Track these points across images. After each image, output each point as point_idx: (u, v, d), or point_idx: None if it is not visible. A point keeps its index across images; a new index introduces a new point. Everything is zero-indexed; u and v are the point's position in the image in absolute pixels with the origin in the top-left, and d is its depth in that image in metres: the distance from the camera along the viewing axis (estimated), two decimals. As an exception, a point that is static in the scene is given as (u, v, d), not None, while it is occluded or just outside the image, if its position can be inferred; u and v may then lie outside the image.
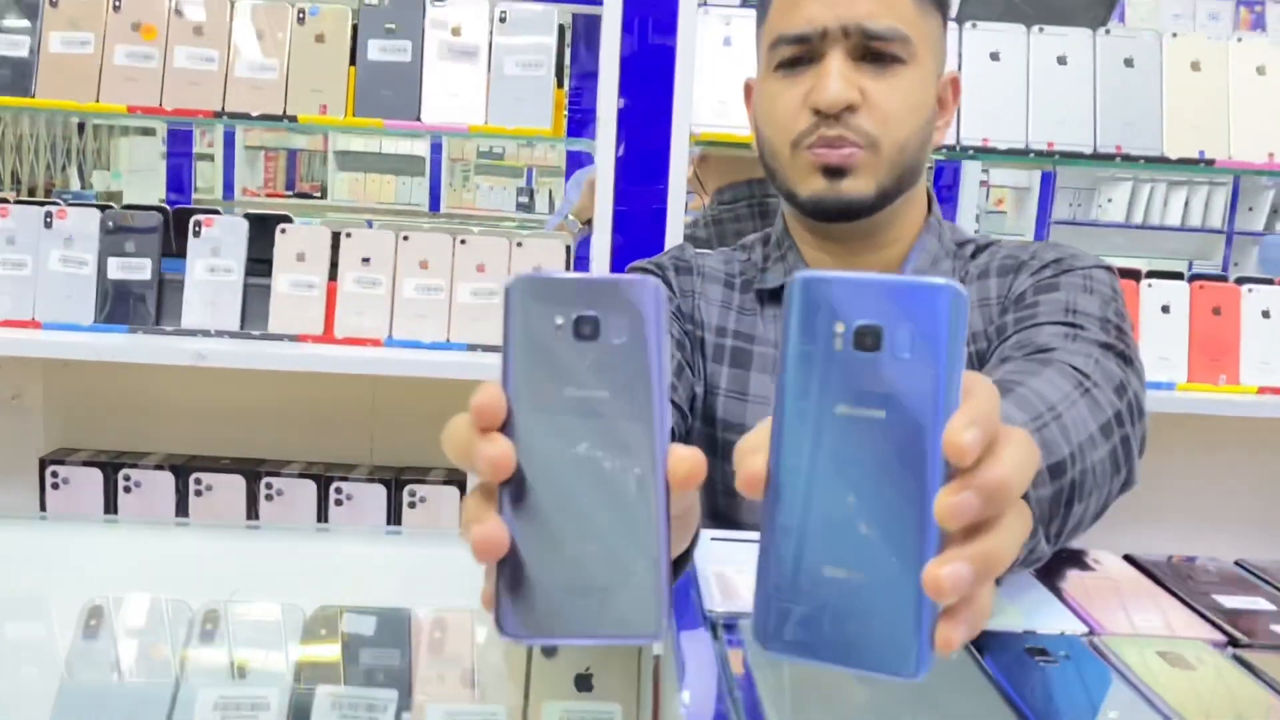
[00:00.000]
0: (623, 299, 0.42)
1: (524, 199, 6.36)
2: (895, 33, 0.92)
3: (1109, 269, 0.96)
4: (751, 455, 0.43)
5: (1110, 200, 6.24)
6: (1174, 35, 1.51)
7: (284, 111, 1.51)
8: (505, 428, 0.42)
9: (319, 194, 6.23)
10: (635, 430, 0.42)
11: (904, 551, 0.39)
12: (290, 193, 6.20)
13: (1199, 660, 0.63)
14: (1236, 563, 0.84)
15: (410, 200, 6.07)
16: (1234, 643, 0.67)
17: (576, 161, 4.41)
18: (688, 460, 0.42)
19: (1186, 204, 6.08)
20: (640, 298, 0.42)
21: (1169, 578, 0.79)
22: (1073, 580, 0.77)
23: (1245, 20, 3.88)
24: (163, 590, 0.72)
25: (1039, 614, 0.70)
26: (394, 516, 1.57)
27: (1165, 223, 6.12)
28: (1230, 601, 0.74)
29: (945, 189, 3.63)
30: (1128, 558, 0.83)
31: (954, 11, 1.87)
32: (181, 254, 1.53)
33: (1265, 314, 1.52)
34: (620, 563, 0.42)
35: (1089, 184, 6.31)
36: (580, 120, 1.62)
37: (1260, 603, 0.74)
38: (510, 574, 0.42)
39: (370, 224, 1.54)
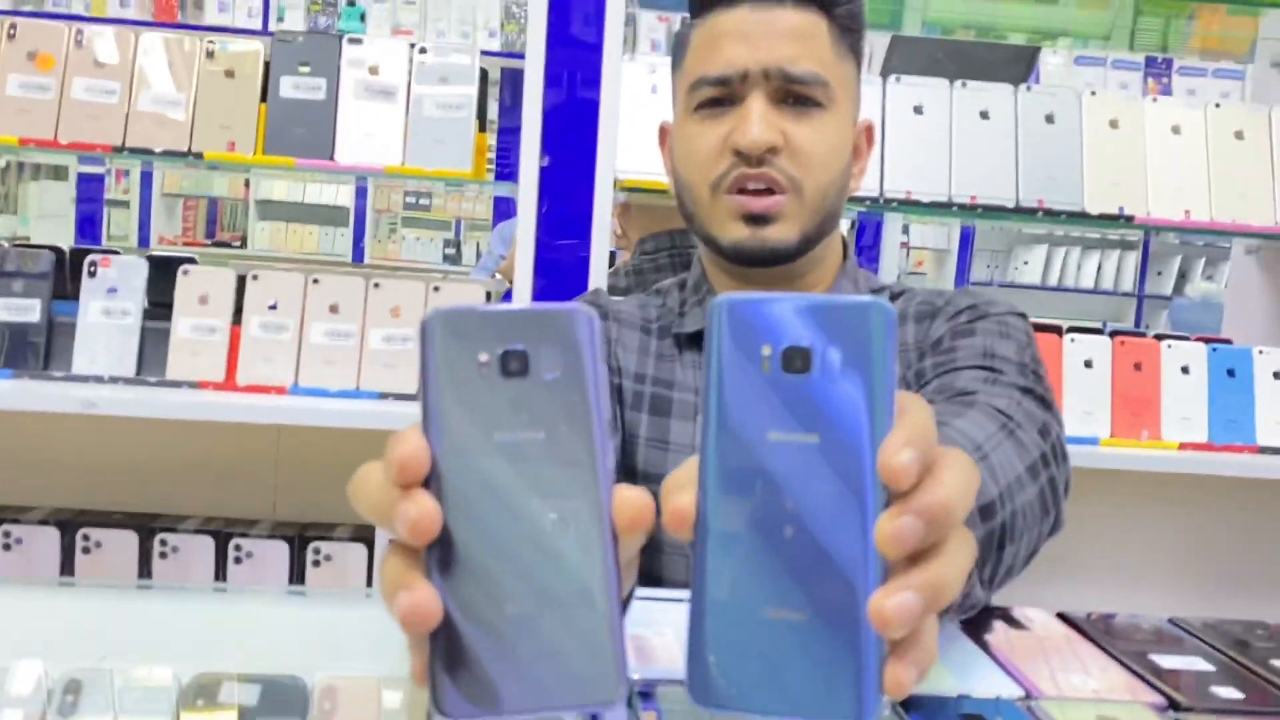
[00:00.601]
0: (554, 330, 0.38)
1: (451, 250, 6.30)
2: (815, 77, 0.92)
3: (1022, 315, 0.96)
4: (678, 492, 0.39)
5: (1027, 263, 6.41)
6: (1093, 93, 1.53)
7: (189, 148, 1.44)
8: (429, 480, 0.38)
9: (239, 243, 6.11)
10: (575, 474, 0.38)
11: (846, 585, 0.36)
12: (210, 241, 6.07)
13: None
14: (1171, 620, 0.82)
15: (333, 250, 5.98)
16: (1174, 705, 0.64)
17: (503, 213, 4.39)
18: (634, 502, 0.38)
19: (1099, 267, 6.28)
20: (573, 327, 0.38)
21: (1103, 637, 0.76)
22: (1006, 639, 0.74)
23: (1154, 90, 4.02)
24: (35, 656, 0.65)
25: (973, 676, 0.66)
26: (297, 575, 1.49)
27: (1080, 285, 6.32)
28: (1167, 661, 0.71)
29: (867, 248, 3.68)
30: (1061, 615, 0.80)
31: (879, 66, 1.88)
32: (77, 296, 1.45)
33: (1184, 370, 1.53)
34: (568, 623, 0.38)
35: (1006, 246, 6.49)
36: (508, 171, 1.58)
37: (1198, 663, 0.72)
38: (445, 645, 0.37)
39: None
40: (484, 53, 1.52)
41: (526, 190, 1.46)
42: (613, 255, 2.51)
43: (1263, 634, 0.79)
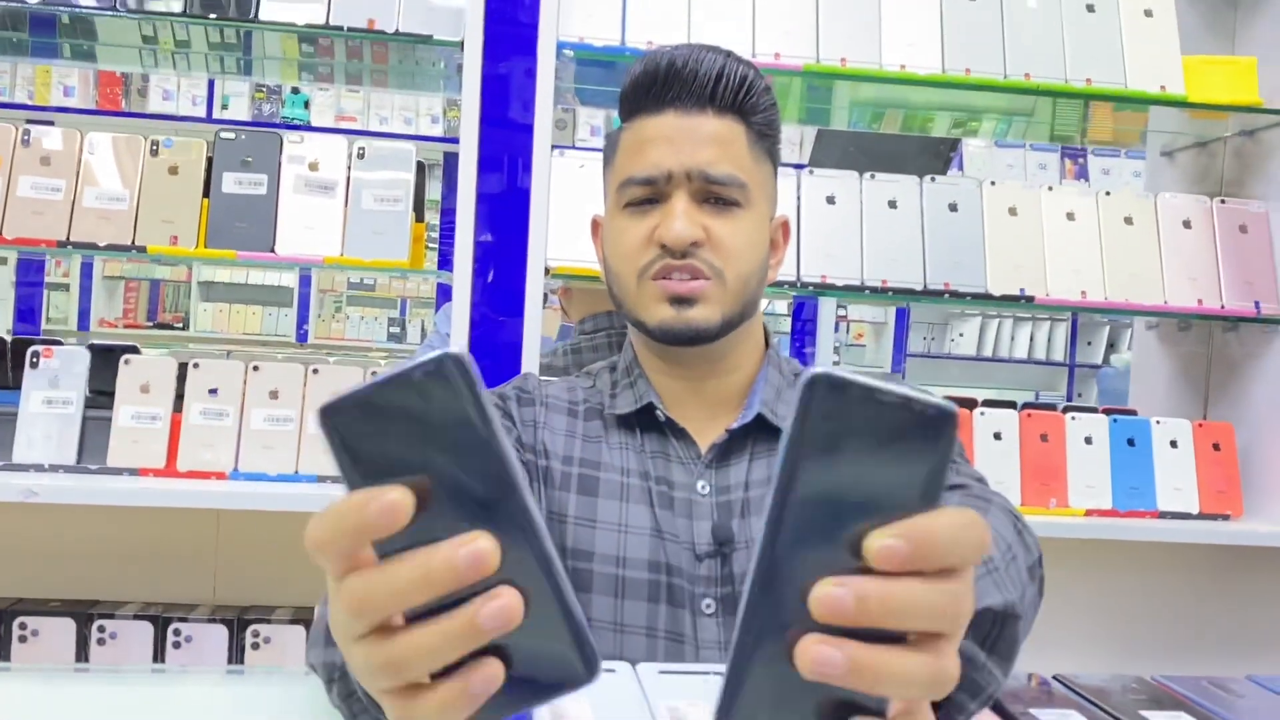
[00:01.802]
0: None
1: (395, 329, 6.33)
2: (733, 179, 0.99)
3: None
4: None
5: (962, 335, 6.58)
6: (992, 183, 1.64)
7: (133, 241, 1.49)
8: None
9: (181, 325, 6.08)
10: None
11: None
12: (151, 323, 6.03)
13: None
14: (1055, 677, 0.88)
15: (277, 331, 5.97)
16: (1045, 755, 0.70)
17: (448, 293, 4.45)
18: None
19: (1031, 338, 6.48)
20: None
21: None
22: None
23: (1070, 170, 4.22)
24: None
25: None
26: (236, 658, 1.50)
27: (1013, 355, 6.50)
28: (1045, 715, 0.77)
29: (807, 322, 3.79)
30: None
31: (807, 153, 1.98)
32: (18, 385, 1.48)
33: (1088, 440, 1.62)
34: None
35: (941, 319, 6.67)
36: (449, 254, 1.63)
37: (1072, 715, 0.78)
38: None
39: (229, 354, 1.52)
40: (426, 139, 1.58)
41: (461, 270, 1.52)
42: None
43: (1136, 687, 0.85)
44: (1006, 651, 0.69)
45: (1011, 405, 1.67)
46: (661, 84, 1.00)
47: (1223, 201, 1.70)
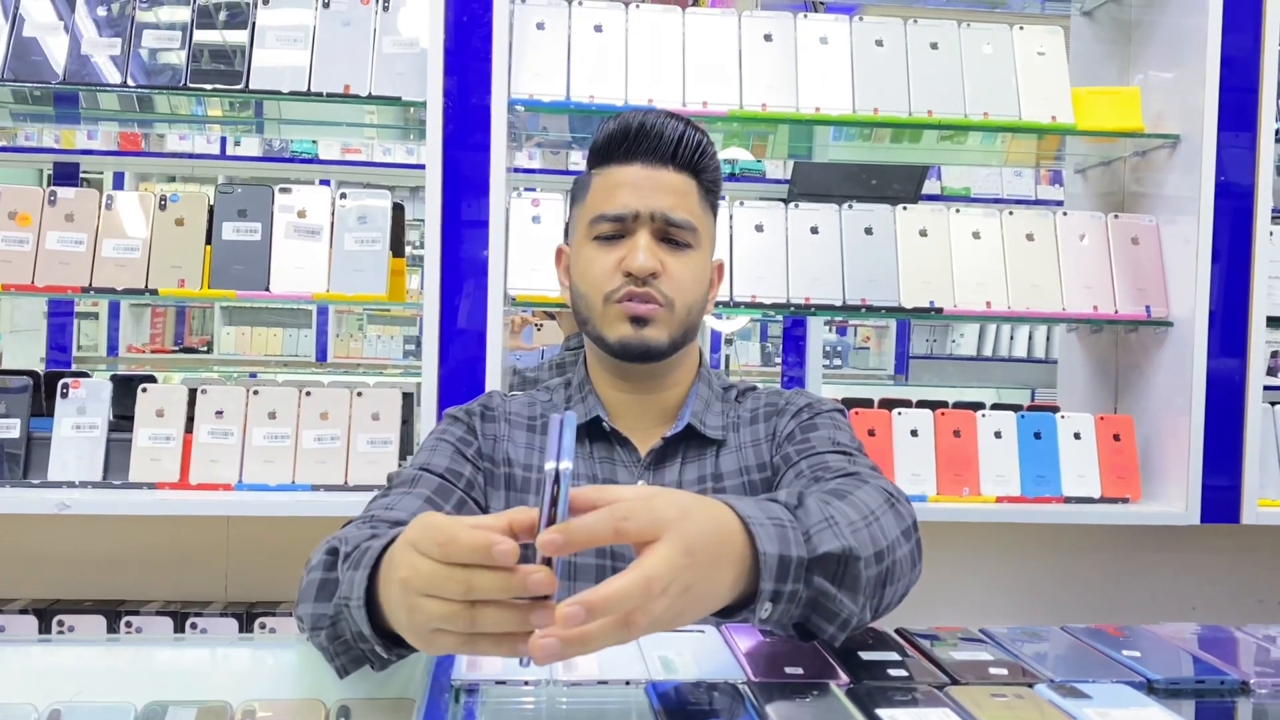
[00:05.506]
0: None
1: (411, 347, 6.55)
2: (688, 223, 1.21)
3: (842, 410, 1.26)
4: None
5: (963, 335, 6.73)
6: (904, 209, 1.83)
7: (146, 285, 1.71)
8: None
9: (206, 348, 6.31)
10: None
11: None
12: (178, 347, 6.26)
13: (818, 696, 0.85)
14: (897, 630, 1.07)
15: (297, 351, 6.18)
16: (855, 680, 0.89)
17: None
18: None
19: (1030, 338, 6.62)
20: None
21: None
22: (758, 643, 0.98)
23: (1045, 177, 4.39)
24: (23, 695, 0.87)
25: (711, 665, 0.91)
26: (245, 646, 1.72)
27: (1012, 354, 6.63)
28: (867, 655, 0.96)
29: (802, 329, 4.01)
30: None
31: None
32: (51, 413, 1.70)
33: (997, 435, 1.81)
34: None
35: (943, 321, 6.81)
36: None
37: (890, 654, 0.97)
38: None
39: (254, 374, 1.73)
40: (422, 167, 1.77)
41: (430, 296, 1.73)
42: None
43: (961, 636, 1.04)
44: (853, 584, 0.87)
45: (931, 405, 1.86)
46: (633, 140, 1.21)
47: (1116, 216, 1.89)
